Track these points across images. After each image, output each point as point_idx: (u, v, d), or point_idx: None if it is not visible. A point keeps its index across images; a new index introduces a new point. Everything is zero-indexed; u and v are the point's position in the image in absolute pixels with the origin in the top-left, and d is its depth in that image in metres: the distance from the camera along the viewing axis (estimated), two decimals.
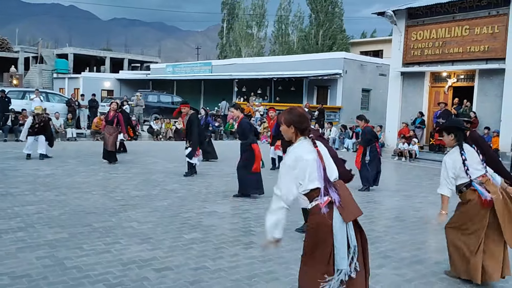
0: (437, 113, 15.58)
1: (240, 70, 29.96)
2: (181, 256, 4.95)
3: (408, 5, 17.00)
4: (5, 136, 15.95)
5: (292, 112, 3.30)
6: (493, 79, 14.98)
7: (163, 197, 7.98)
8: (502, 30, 14.56)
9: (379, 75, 27.29)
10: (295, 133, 3.25)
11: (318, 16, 41.00)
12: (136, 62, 46.82)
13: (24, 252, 4.82)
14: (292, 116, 3.26)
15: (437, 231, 6.43)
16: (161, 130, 19.75)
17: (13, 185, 8.29)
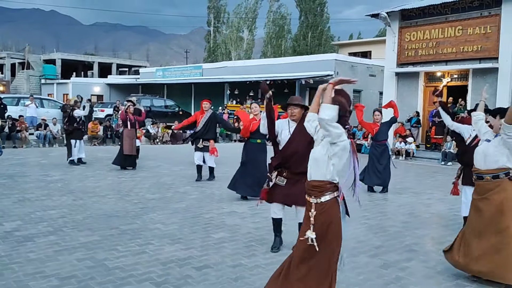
0: (432, 112, 15.92)
1: (231, 73, 30.08)
2: (216, 255, 5.06)
3: (402, 7, 17.34)
4: (3, 143, 15.81)
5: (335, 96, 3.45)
6: (487, 78, 15.36)
7: (179, 199, 8.06)
8: (494, 30, 14.96)
9: (369, 75, 27.70)
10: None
11: (307, 18, 41.37)
12: (124, 67, 46.60)
13: (63, 255, 4.88)
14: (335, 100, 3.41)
15: (454, 226, 6.67)
16: (157, 134, 19.75)
17: (27, 191, 8.30)
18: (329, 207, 3.29)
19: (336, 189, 3.34)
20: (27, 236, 5.54)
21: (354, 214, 7.18)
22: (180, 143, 19.78)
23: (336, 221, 3.31)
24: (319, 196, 3.30)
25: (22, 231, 5.76)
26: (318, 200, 3.30)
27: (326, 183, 3.32)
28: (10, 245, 5.17)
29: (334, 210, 3.31)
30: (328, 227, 3.26)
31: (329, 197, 3.29)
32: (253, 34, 46.73)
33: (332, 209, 3.30)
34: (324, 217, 3.27)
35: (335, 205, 3.32)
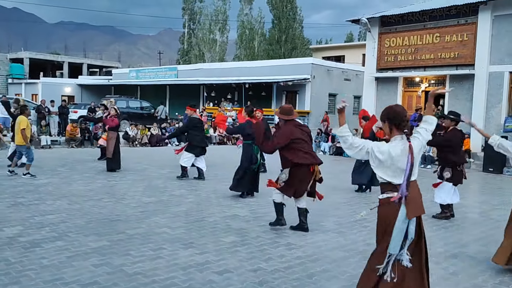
0: (413, 116, 16.31)
1: (207, 75, 29.96)
2: (233, 259, 5.04)
3: (381, 13, 17.73)
4: None
5: (387, 109, 3.59)
6: (463, 84, 15.89)
7: (177, 202, 7.97)
8: (471, 38, 15.50)
9: (344, 80, 28.17)
10: (388, 127, 3.50)
11: (280, 22, 41.68)
12: (95, 67, 45.65)
13: (77, 261, 4.75)
14: (385, 111, 3.54)
15: (452, 228, 6.87)
16: (136, 136, 19.45)
17: (18, 195, 8.02)
18: (382, 204, 3.50)
19: (396, 190, 3.45)
20: (32, 241, 5.36)
21: (352, 218, 7.34)
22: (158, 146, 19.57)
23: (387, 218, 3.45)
24: (381, 192, 3.57)
25: (26, 236, 5.56)
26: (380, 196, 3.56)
27: (386, 183, 3.52)
28: (18, 251, 4.99)
29: (387, 208, 3.45)
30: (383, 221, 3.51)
31: (386, 196, 3.48)
32: (225, 36, 46.72)
33: (385, 207, 3.46)
34: (380, 212, 3.52)
35: (389, 204, 3.44)
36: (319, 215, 7.19)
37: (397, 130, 3.48)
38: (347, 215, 7.52)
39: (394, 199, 3.46)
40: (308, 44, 43.83)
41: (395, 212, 3.44)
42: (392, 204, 3.43)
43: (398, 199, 3.49)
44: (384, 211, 3.49)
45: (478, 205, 8.93)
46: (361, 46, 33.88)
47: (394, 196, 3.47)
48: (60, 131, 19.93)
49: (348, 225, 6.78)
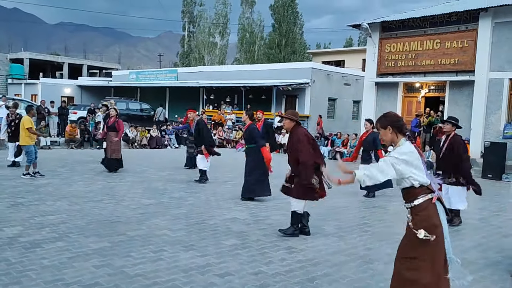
0: (414, 121, 16.35)
1: (207, 78, 29.97)
2: (234, 262, 5.03)
3: (382, 19, 17.78)
4: None
5: (385, 116, 3.59)
6: (463, 90, 15.93)
7: (176, 205, 7.97)
8: (471, 44, 15.55)
9: (344, 84, 28.21)
10: (394, 133, 3.48)
11: (281, 26, 41.79)
12: (95, 68, 45.66)
13: (78, 261, 4.74)
14: (386, 118, 3.54)
15: (453, 232, 6.88)
16: (136, 138, 19.44)
17: (17, 195, 8.01)
18: (424, 208, 3.36)
19: (429, 191, 3.40)
20: (33, 242, 5.35)
21: (354, 222, 7.35)
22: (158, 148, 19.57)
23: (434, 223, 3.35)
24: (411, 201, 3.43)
25: (26, 237, 5.55)
26: (412, 204, 3.42)
27: (415, 188, 3.40)
28: (19, 252, 4.98)
29: (430, 212, 3.36)
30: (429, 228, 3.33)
31: (422, 199, 3.38)
32: (225, 39, 46.83)
33: (427, 211, 3.36)
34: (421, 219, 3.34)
35: (431, 206, 3.37)
36: (320, 219, 7.19)
37: (401, 134, 3.48)
38: (346, 220, 7.52)
39: (436, 198, 3.40)
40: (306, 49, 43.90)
41: (437, 214, 3.38)
42: (432, 206, 3.37)
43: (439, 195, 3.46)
44: (427, 216, 3.34)
45: (477, 211, 8.94)
46: (361, 51, 33.97)
47: (434, 195, 3.42)
48: (59, 132, 19.91)
49: (348, 230, 6.78)
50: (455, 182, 7.23)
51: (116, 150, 11.29)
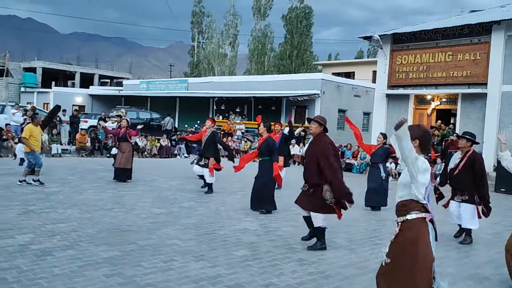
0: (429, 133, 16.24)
1: (217, 88, 30.11)
2: (244, 273, 4.98)
3: (394, 31, 17.78)
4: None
5: (420, 127, 3.53)
6: (476, 103, 15.82)
7: (186, 214, 7.95)
8: (483, 57, 15.47)
9: (354, 96, 28.18)
10: (418, 148, 3.41)
11: (293, 37, 41.94)
12: (106, 78, 46.08)
13: (88, 270, 4.72)
14: (419, 130, 3.47)
15: (466, 248, 6.78)
16: (146, 147, 19.52)
17: (29, 203, 8.05)
18: (413, 225, 3.34)
19: (424, 210, 3.38)
20: (44, 250, 5.35)
21: (365, 234, 7.27)
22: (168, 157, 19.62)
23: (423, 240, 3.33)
24: (404, 214, 3.41)
25: (37, 244, 5.56)
26: (404, 218, 3.40)
27: (412, 202, 3.40)
28: (30, 259, 4.98)
29: (420, 229, 3.34)
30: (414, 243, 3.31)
31: (415, 216, 3.36)
32: (235, 50, 47.09)
33: (418, 227, 3.34)
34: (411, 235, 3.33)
35: (423, 224, 3.35)
36: (330, 231, 7.09)
37: (422, 151, 3.44)
38: (358, 232, 7.45)
39: (430, 217, 3.40)
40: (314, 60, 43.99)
41: (428, 233, 3.37)
42: (424, 224, 3.35)
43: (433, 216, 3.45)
44: (418, 230, 3.33)
45: (490, 226, 8.79)
46: (371, 63, 33.95)
47: (429, 215, 3.40)
48: (70, 140, 20.06)
49: (359, 242, 6.71)
50: (468, 200, 6.98)
51: (126, 160, 11.31)
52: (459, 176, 7.02)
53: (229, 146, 10.21)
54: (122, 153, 11.28)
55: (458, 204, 7.11)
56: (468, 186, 6.93)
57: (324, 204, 5.86)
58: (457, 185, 7.10)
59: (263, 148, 8.47)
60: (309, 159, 6.01)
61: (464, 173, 6.94)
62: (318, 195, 5.87)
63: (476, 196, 6.99)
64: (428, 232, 3.36)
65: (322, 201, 5.85)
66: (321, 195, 5.84)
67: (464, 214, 7.03)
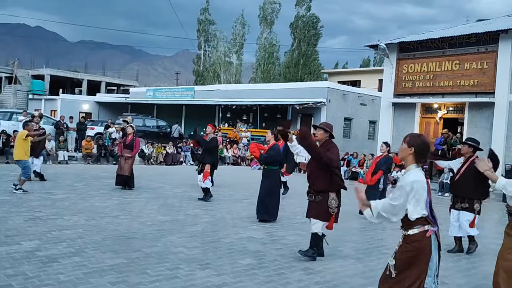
0: (439, 140, 16.09)
1: (223, 96, 30.17)
2: (250, 282, 4.95)
3: (400, 39, 17.76)
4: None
5: (419, 136, 3.50)
6: (483, 112, 15.73)
7: (192, 222, 7.93)
8: (491, 66, 15.40)
9: (360, 104, 28.13)
10: (413, 156, 3.40)
11: (300, 45, 42.04)
12: (113, 85, 46.34)
13: (94, 277, 4.71)
14: (417, 139, 3.44)
15: (474, 259, 6.71)
16: (152, 155, 19.55)
17: (35, 209, 8.07)
18: (417, 239, 3.34)
19: (426, 223, 3.37)
20: (50, 256, 5.35)
21: (371, 244, 7.22)
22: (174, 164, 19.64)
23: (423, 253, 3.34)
24: (407, 229, 3.40)
25: (43, 251, 5.56)
26: (406, 232, 3.40)
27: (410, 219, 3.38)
28: (36, 266, 4.98)
29: (422, 243, 3.34)
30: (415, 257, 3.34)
31: (417, 230, 3.35)
32: (240, 59, 47.25)
33: (420, 241, 3.34)
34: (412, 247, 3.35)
35: (424, 238, 3.34)
36: (336, 240, 7.08)
37: (417, 161, 3.41)
38: (364, 241, 7.40)
39: (431, 232, 3.39)
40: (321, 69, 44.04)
41: (429, 246, 3.37)
42: (426, 239, 3.35)
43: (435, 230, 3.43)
44: (419, 245, 3.34)
45: (499, 236, 8.65)
46: (377, 72, 33.94)
47: (430, 230, 3.39)
48: (77, 147, 20.13)
49: (366, 252, 6.66)
50: (467, 208, 6.87)
51: (127, 167, 11.30)
52: (460, 182, 6.95)
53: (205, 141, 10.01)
54: (125, 160, 11.28)
55: (458, 213, 7.00)
56: (469, 193, 6.84)
57: (327, 212, 5.79)
58: (458, 192, 7.02)
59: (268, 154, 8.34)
60: (315, 165, 5.89)
61: (465, 179, 6.83)
62: (324, 203, 5.79)
63: (476, 205, 6.90)
64: (431, 244, 3.35)
65: (326, 208, 5.78)
66: (326, 203, 5.77)
67: (463, 222, 6.94)
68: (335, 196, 5.81)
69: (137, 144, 11.49)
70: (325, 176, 5.76)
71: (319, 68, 44.90)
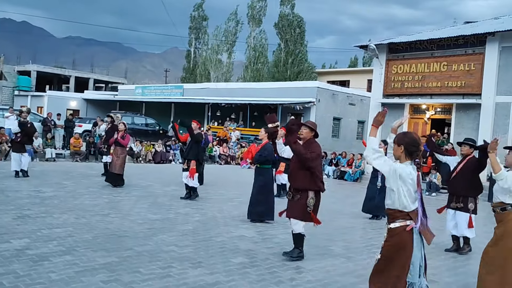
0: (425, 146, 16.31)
1: (213, 94, 30.13)
2: (243, 280, 4.97)
3: (389, 40, 17.91)
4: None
5: (406, 134, 3.66)
6: (470, 113, 15.95)
7: (183, 221, 7.93)
8: (478, 68, 15.61)
9: (349, 104, 28.32)
10: (403, 153, 3.58)
11: (287, 45, 42.10)
12: (101, 82, 45.97)
13: (85, 276, 4.69)
14: (404, 137, 3.61)
15: (461, 257, 6.81)
16: (141, 153, 19.44)
17: (24, 207, 7.98)
18: (397, 233, 3.51)
19: (408, 218, 3.51)
20: (40, 255, 5.31)
21: (361, 243, 7.28)
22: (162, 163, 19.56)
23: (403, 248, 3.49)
24: (390, 222, 3.59)
25: (34, 249, 5.52)
26: (389, 226, 3.60)
27: (396, 211, 3.54)
28: (27, 264, 4.94)
29: (402, 237, 3.49)
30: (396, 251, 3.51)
31: (398, 224, 3.52)
32: (231, 57, 47.16)
33: (400, 236, 3.50)
34: (393, 241, 3.53)
35: (404, 233, 3.48)
36: (327, 239, 7.14)
37: (409, 157, 3.58)
38: (354, 240, 7.46)
39: (411, 227, 3.49)
40: (313, 69, 44.15)
41: (410, 240, 3.51)
42: (406, 234, 3.50)
43: (415, 227, 3.54)
44: (399, 239, 3.51)
45: (486, 235, 8.80)
46: (366, 72, 34.18)
47: (411, 224, 3.50)
48: (65, 145, 19.95)
49: (356, 250, 6.72)
50: (462, 208, 6.97)
51: (119, 166, 11.25)
52: (456, 179, 7.03)
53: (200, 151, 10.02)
54: (117, 157, 11.23)
55: (454, 213, 7.12)
56: (464, 191, 6.95)
57: (306, 212, 5.72)
58: (453, 190, 7.13)
59: (260, 153, 8.32)
60: (296, 163, 5.87)
61: (461, 176, 6.91)
62: (302, 202, 5.72)
63: (470, 204, 7.01)
64: (412, 239, 3.50)
65: (304, 208, 5.71)
66: (305, 202, 5.70)
67: (460, 223, 7.04)
68: (313, 195, 5.72)
69: (127, 140, 11.43)
70: (305, 175, 5.73)
71: (310, 68, 45.01)
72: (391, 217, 3.58)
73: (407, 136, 3.63)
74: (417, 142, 3.58)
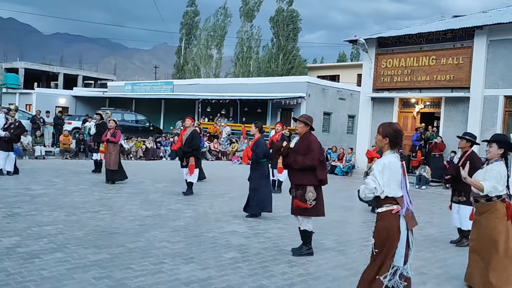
0: (415, 135, 16.41)
1: (203, 90, 30.04)
2: (235, 275, 4.99)
3: (379, 35, 17.96)
4: None
5: (390, 126, 3.78)
6: (458, 106, 16.07)
7: (174, 217, 7.92)
8: (466, 62, 15.72)
9: (339, 99, 28.41)
10: (388, 144, 3.72)
11: (279, 40, 42.09)
12: (90, 79, 45.62)
13: (77, 273, 4.68)
14: (389, 129, 3.74)
15: (452, 249, 6.89)
16: (131, 149, 19.36)
17: (14, 205, 7.93)
18: (383, 217, 3.68)
19: (395, 203, 3.66)
20: (31, 252, 5.28)
21: (353, 236, 7.34)
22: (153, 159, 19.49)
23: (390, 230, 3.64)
24: (378, 207, 3.76)
25: (24, 247, 5.48)
26: (377, 210, 3.76)
27: (384, 197, 3.70)
28: (17, 262, 4.92)
29: (389, 221, 3.64)
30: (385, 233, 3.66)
31: (386, 209, 3.67)
32: (221, 52, 47.03)
33: (387, 219, 3.65)
34: (381, 225, 3.69)
35: (391, 216, 3.64)
36: (318, 233, 7.15)
37: (393, 146, 3.72)
38: (345, 234, 7.52)
39: (396, 210, 3.61)
40: (305, 64, 44.21)
41: (397, 224, 3.65)
42: (393, 217, 3.63)
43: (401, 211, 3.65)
44: (386, 224, 3.65)
45: None
46: (356, 66, 34.26)
47: (395, 208, 3.61)
48: (54, 142, 19.80)
49: (348, 244, 6.76)
50: (465, 202, 6.93)
51: (113, 162, 11.23)
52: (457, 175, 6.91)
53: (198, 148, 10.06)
54: (110, 154, 11.19)
55: (458, 207, 7.16)
56: (465, 186, 6.94)
57: (306, 205, 5.72)
58: (455, 185, 7.21)
59: (254, 149, 8.29)
60: (294, 157, 5.86)
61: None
62: (302, 197, 5.74)
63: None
64: (399, 222, 3.64)
65: (304, 202, 5.71)
66: (304, 197, 5.72)
67: (463, 216, 7.04)
68: (312, 189, 5.73)
69: (118, 136, 11.39)
70: (303, 170, 5.77)
71: (302, 63, 45.05)
72: (379, 203, 3.74)
73: (392, 127, 3.75)
74: (401, 134, 3.75)
